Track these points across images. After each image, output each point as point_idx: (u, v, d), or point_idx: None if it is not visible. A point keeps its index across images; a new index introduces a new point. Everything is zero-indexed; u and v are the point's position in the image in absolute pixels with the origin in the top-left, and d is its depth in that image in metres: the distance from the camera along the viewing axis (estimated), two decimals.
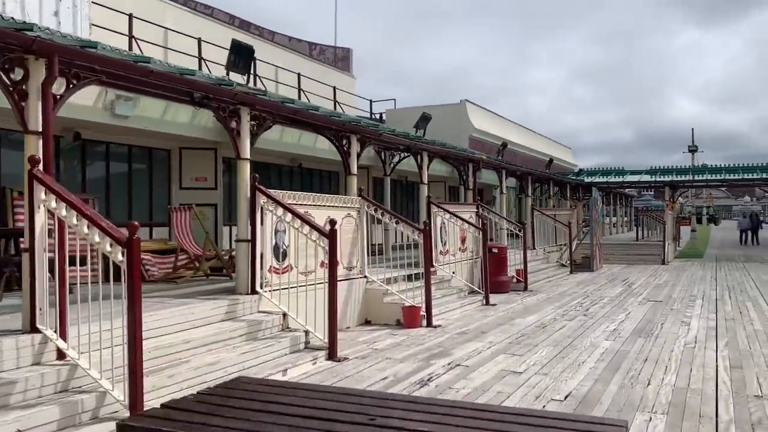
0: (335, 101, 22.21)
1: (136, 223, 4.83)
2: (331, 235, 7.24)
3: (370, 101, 27.55)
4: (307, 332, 7.38)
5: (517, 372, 6.69)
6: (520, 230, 15.03)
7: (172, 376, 5.53)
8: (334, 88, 23.10)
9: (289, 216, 7.56)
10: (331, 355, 7.20)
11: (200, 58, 15.01)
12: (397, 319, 9.64)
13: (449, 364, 7.06)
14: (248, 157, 7.81)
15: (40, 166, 5.14)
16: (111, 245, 4.82)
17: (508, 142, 29.84)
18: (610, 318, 10.31)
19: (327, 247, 7.28)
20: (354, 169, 10.14)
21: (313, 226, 7.38)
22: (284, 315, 7.51)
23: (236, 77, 14.62)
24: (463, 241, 13.86)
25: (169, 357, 5.88)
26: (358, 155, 10.36)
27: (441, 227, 12.92)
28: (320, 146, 13.74)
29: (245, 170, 7.77)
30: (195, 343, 6.26)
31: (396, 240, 17.33)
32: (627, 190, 42.65)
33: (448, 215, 12.67)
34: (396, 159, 15.80)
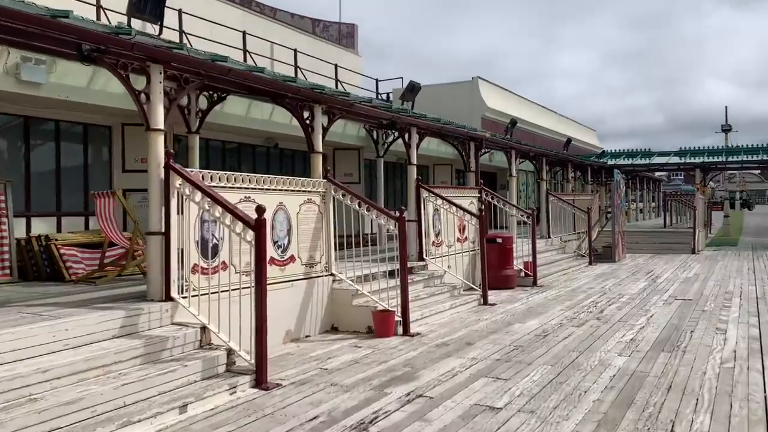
0: (337, 80, 20.55)
1: None
2: (257, 227, 5.60)
3: (376, 80, 25.77)
4: (230, 351, 5.77)
5: (494, 408, 5.01)
6: (528, 217, 13.25)
7: None
8: (336, 66, 21.44)
9: (208, 202, 5.93)
10: (259, 380, 5.60)
11: (179, 31, 13.50)
12: (368, 326, 8.02)
13: (409, 394, 5.40)
14: (160, 128, 6.19)
15: None
16: None
17: (525, 121, 27.90)
18: (628, 323, 8.55)
19: (253, 242, 5.63)
20: (318, 146, 8.48)
21: (236, 215, 5.75)
22: (204, 328, 5.91)
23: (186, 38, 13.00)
24: (462, 230, 12.15)
25: (10, 395, 4.31)
26: (325, 129, 8.69)
27: (434, 214, 11.23)
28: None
29: (157, 145, 6.16)
30: (59, 371, 4.68)
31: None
32: (656, 174, 40.35)
33: (440, 201, 10.96)
34: (390, 139, 14.15)
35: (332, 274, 8.38)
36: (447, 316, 9.12)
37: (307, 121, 8.37)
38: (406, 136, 10.83)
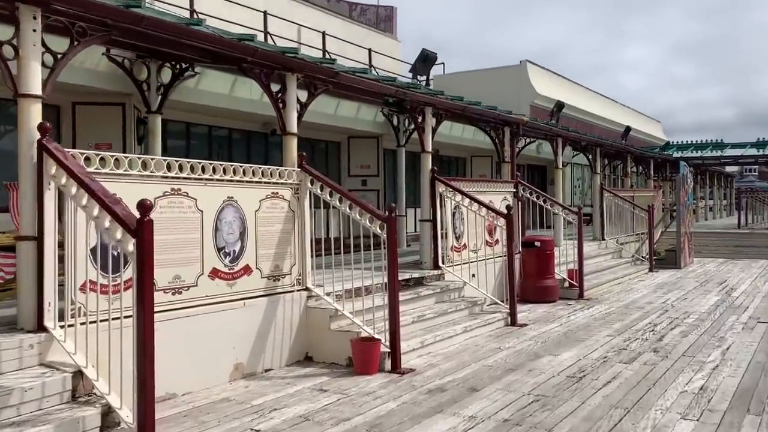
0: (371, 65, 18.77)
1: None
2: (139, 231, 3.84)
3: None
4: (108, 408, 4.05)
5: None
6: (574, 216, 11.13)
7: None
8: (369, 50, 19.67)
9: (86, 197, 4.20)
10: None
11: (190, 10, 12.01)
12: (349, 356, 6.20)
13: None
14: (36, 93, 4.52)
15: None
16: None
17: (580, 110, 25.49)
18: (696, 359, 6.45)
19: (135, 252, 3.88)
20: (291, 125, 6.71)
21: (114, 214, 3.99)
22: (79, 373, 4.21)
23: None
24: (491, 232, 10.18)
25: None
26: (303, 105, 6.90)
27: (455, 213, 9.31)
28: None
29: (29, 116, 4.49)
30: None
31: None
32: (727, 168, 36.96)
33: (459, 197, 9.01)
34: (413, 125, 12.23)
35: (307, 289, 6.60)
36: (458, 343, 7.20)
37: (277, 95, 6.60)
38: (419, 118, 8.92)
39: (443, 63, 25.09)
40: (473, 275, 9.22)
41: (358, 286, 6.56)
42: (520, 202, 11.33)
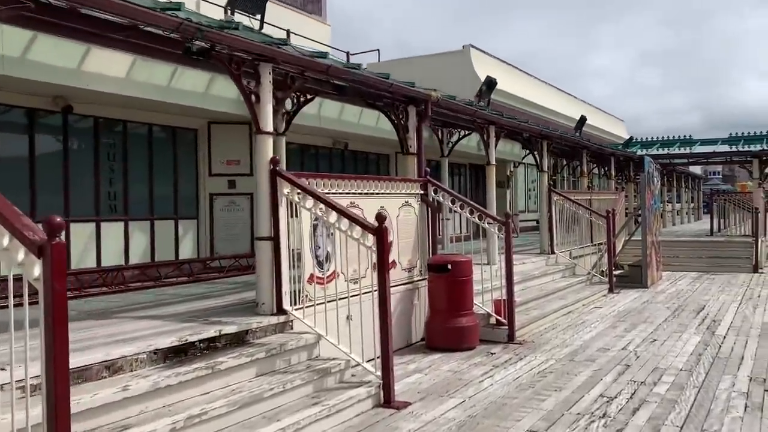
0: None
1: None
2: None
3: (347, 53, 20.93)
4: None
5: None
6: (501, 228, 8.08)
7: None
8: (288, 32, 16.54)
9: None
10: None
11: None
12: None
13: None
14: None
15: None
16: None
17: (534, 104, 22.69)
18: None
19: None
20: None
21: None
22: None
23: None
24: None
25: None
26: None
27: (315, 226, 6.21)
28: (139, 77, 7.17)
29: None
30: None
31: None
32: (693, 168, 34.52)
33: (311, 201, 5.88)
34: (290, 104, 9.05)
35: None
36: None
37: None
38: (250, 81, 5.77)
39: (378, 50, 22.08)
40: (349, 318, 6.08)
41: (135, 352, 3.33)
42: (429, 209, 8.30)
